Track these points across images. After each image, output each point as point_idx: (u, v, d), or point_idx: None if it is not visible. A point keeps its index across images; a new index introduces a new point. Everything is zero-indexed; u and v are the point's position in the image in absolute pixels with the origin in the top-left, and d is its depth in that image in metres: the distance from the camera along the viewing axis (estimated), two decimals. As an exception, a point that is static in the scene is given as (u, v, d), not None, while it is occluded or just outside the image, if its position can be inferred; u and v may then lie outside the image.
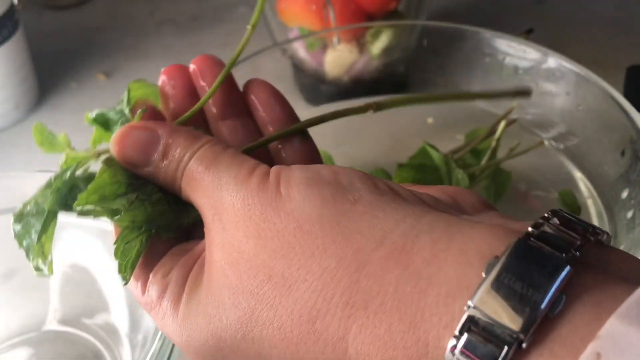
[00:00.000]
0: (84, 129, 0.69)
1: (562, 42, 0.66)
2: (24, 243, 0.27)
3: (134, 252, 0.26)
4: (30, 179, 0.40)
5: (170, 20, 0.75)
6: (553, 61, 0.45)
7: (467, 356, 0.19)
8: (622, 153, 0.41)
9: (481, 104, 0.49)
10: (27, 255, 0.27)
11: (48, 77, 0.66)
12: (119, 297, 0.40)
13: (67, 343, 0.40)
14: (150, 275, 0.26)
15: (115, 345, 0.39)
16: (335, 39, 0.54)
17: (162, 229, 0.27)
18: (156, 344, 0.31)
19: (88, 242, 0.40)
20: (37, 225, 0.27)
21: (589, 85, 0.43)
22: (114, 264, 0.25)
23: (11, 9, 0.58)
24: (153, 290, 0.26)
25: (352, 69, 0.56)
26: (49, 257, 0.27)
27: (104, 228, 0.39)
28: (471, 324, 0.19)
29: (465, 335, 0.19)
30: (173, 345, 0.32)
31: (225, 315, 0.23)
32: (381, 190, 0.23)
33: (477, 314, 0.19)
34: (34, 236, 0.27)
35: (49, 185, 0.27)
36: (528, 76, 0.47)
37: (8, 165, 0.57)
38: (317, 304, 0.21)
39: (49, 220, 0.27)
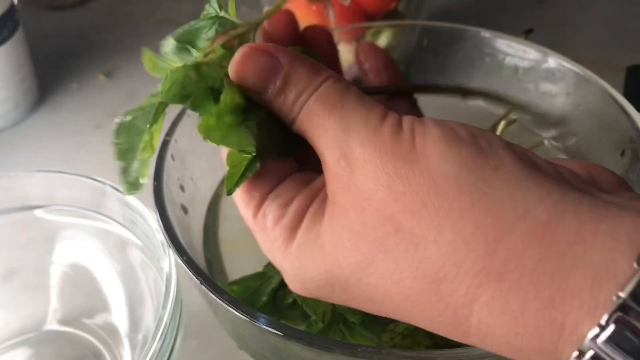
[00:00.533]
0: (84, 129, 0.69)
1: (562, 42, 0.66)
2: (125, 155, 0.26)
3: (244, 166, 0.25)
4: (30, 179, 0.40)
5: (170, 20, 0.75)
6: (553, 61, 0.45)
7: (612, 347, 0.18)
8: (622, 153, 0.41)
9: (481, 104, 0.49)
10: (126, 164, 0.26)
11: (48, 77, 0.66)
12: (119, 297, 0.40)
13: (67, 343, 0.40)
14: (268, 200, 0.26)
15: (115, 345, 0.39)
16: (335, 39, 0.54)
17: (269, 151, 0.26)
18: (156, 344, 0.31)
19: (88, 242, 0.40)
20: (143, 125, 0.26)
21: (589, 85, 0.43)
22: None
23: (11, 9, 0.58)
24: (270, 215, 0.25)
25: (352, 69, 0.56)
26: (153, 154, 0.26)
27: (104, 228, 0.39)
28: (621, 315, 0.18)
29: (612, 326, 0.18)
30: (173, 345, 0.32)
31: (344, 255, 0.23)
32: (522, 160, 0.22)
33: (628, 306, 0.18)
34: (140, 135, 0.26)
35: (155, 93, 0.26)
36: (528, 76, 0.47)
37: (8, 165, 0.57)
38: (446, 267, 0.21)
39: (160, 110, 0.26)
